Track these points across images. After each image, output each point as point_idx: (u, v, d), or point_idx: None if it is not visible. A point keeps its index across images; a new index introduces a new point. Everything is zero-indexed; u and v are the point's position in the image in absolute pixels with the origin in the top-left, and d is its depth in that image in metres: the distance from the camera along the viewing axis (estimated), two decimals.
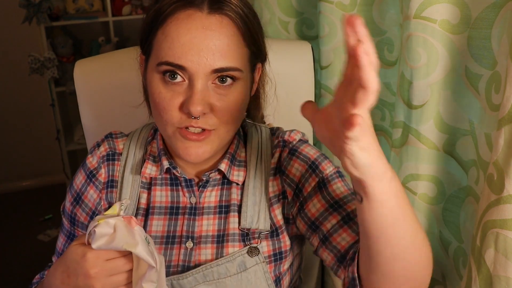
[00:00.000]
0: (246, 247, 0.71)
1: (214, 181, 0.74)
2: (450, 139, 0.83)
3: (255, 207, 0.72)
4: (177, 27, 0.60)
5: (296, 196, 0.72)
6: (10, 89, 2.47)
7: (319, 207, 0.69)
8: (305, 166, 0.72)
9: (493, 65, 0.70)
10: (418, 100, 0.83)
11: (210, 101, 0.62)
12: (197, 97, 0.60)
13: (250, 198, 0.72)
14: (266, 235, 0.72)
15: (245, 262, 0.71)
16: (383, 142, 1.12)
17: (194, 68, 0.60)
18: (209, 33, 0.60)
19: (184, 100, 0.62)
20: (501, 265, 0.63)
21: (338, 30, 1.07)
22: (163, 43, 0.61)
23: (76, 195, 0.76)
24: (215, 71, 0.61)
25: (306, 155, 0.73)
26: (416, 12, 0.77)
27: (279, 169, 0.74)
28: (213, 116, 0.63)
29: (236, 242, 0.72)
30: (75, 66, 0.97)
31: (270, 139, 0.77)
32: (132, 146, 0.77)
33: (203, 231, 0.73)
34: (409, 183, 0.90)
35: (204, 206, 0.73)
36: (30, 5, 2.07)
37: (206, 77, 0.61)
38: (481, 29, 0.71)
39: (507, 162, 0.61)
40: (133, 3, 2.32)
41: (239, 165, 0.74)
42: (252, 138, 0.77)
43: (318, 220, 0.68)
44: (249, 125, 0.79)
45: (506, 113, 0.61)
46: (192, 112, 0.60)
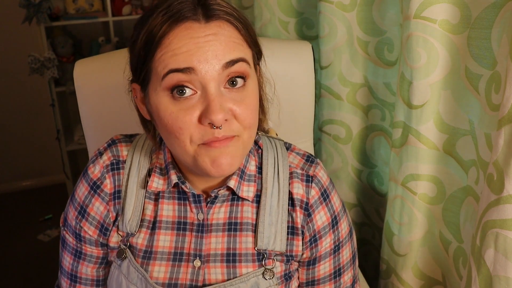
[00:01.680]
0: (261, 269, 0.68)
1: (223, 197, 0.70)
2: (450, 139, 0.83)
3: (271, 228, 0.69)
4: (178, 40, 0.57)
5: (310, 244, 0.71)
6: (10, 89, 2.47)
7: (327, 270, 0.73)
8: (329, 218, 0.72)
9: (493, 65, 0.70)
10: (418, 100, 0.83)
11: (228, 106, 0.58)
12: (215, 104, 0.56)
13: (267, 218, 0.69)
14: (282, 258, 0.70)
15: (258, 283, 0.68)
16: (383, 142, 1.12)
17: (203, 68, 0.56)
18: (212, 37, 0.57)
19: (202, 112, 0.57)
20: (501, 265, 0.63)
21: (338, 30, 1.07)
22: (163, 56, 0.57)
23: (80, 208, 0.72)
24: (225, 65, 0.57)
25: (333, 206, 0.73)
26: (416, 12, 0.77)
27: (306, 207, 0.71)
28: (236, 122, 0.59)
29: (250, 262, 0.69)
30: (75, 66, 0.97)
31: (285, 156, 0.74)
32: (136, 154, 0.73)
33: (211, 249, 0.69)
34: (409, 183, 0.90)
35: (213, 223, 0.70)
36: (30, 5, 2.07)
37: (217, 78, 0.57)
38: (481, 29, 0.71)
39: (507, 162, 0.61)
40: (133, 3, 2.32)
41: (249, 180, 0.71)
42: (268, 153, 0.73)
43: (319, 281, 0.73)
44: (261, 137, 0.76)
45: (506, 113, 0.61)
46: (215, 121, 0.56)
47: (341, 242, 0.73)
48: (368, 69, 1.08)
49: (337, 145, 1.20)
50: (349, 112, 1.15)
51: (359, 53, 1.08)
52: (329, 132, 1.20)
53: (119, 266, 0.71)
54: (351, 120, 1.16)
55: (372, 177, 1.18)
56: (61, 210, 0.80)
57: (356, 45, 1.07)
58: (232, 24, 0.60)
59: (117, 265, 0.71)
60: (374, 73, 1.07)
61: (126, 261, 0.70)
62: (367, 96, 1.11)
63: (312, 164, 0.73)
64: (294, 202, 0.71)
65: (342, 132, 1.18)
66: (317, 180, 0.72)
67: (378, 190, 1.17)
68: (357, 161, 1.19)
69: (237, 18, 0.61)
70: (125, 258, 0.70)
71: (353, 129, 1.17)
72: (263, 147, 0.74)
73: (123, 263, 0.70)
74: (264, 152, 0.73)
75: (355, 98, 1.13)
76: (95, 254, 0.73)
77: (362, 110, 1.14)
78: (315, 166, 0.73)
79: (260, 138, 0.75)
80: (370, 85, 1.09)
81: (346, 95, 1.13)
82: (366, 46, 1.06)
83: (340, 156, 1.21)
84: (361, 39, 1.06)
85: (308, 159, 0.74)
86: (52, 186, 2.71)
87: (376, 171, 1.16)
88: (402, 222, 0.94)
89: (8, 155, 2.61)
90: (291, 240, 0.71)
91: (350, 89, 1.12)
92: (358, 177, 1.21)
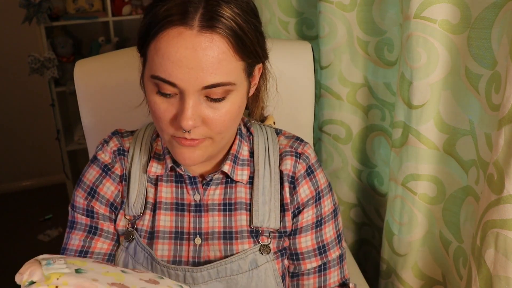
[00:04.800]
0: (258, 245, 0.73)
1: (217, 180, 0.75)
2: (450, 139, 0.83)
3: (265, 206, 0.74)
4: (168, 44, 0.59)
5: (294, 217, 0.76)
6: (10, 89, 2.47)
7: (310, 245, 0.76)
8: (313, 192, 0.76)
9: (493, 65, 0.70)
10: (418, 100, 0.83)
11: (202, 114, 0.62)
12: (187, 113, 0.61)
13: (261, 197, 0.74)
14: (275, 234, 0.75)
15: (256, 259, 0.72)
16: (383, 142, 1.12)
17: (184, 85, 0.60)
18: (200, 52, 0.59)
19: (176, 113, 0.62)
20: (501, 265, 0.63)
21: (338, 30, 1.07)
22: (155, 56, 0.61)
23: (90, 189, 0.75)
24: (206, 87, 0.60)
25: (318, 182, 0.77)
26: (416, 12, 0.77)
27: (292, 181, 0.76)
28: (205, 127, 0.64)
29: (245, 239, 0.74)
30: (75, 66, 0.97)
31: (275, 140, 0.79)
32: (137, 144, 0.78)
33: (209, 228, 0.74)
34: (409, 183, 0.90)
35: (209, 203, 0.75)
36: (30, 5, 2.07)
37: (197, 92, 0.61)
38: (481, 29, 0.71)
39: (507, 162, 0.61)
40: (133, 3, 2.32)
41: (242, 164, 0.76)
42: (258, 139, 0.78)
43: (303, 255, 0.77)
44: (253, 124, 0.80)
45: (506, 113, 0.61)
46: (183, 127, 0.61)
47: (324, 218, 0.77)
48: (368, 69, 1.08)
49: (337, 145, 1.20)
50: (349, 112, 1.15)
51: (359, 53, 1.08)
52: (329, 132, 1.20)
53: (126, 248, 0.74)
54: (351, 120, 1.16)
55: (372, 177, 1.18)
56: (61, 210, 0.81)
57: (356, 45, 1.07)
58: (225, 38, 0.60)
59: (124, 247, 0.75)
60: (374, 73, 1.07)
61: (134, 243, 0.74)
62: (367, 96, 1.11)
63: (302, 143, 0.78)
64: (283, 179, 0.75)
65: (342, 132, 1.18)
66: (305, 157, 0.76)
67: (378, 190, 1.17)
68: (357, 161, 1.19)
69: (234, 31, 0.60)
70: (133, 239, 0.74)
71: (353, 129, 1.17)
72: (254, 133, 0.79)
73: (131, 245, 0.74)
74: (255, 138, 0.78)
75: (355, 98, 1.13)
76: (111, 230, 0.76)
77: (362, 110, 1.14)
78: (304, 144, 0.78)
79: (252, 125, 0.80)
80: (370, 85, 1.09)
81: (346, 95, 1.13)
82: (366, 46, 1.06)
83: (340, 156, 1.21)
84: (361, 39, 1.06)
85: (297, 139, 0.79)
86: (52, 186, 2.71)
87: (376, 171, 1.16)
88: (402, 222, 0.94)
89: (8, 155, 2.61)
90: (283, 217, 0.75)
91: (350, 89, 1.12)
92: (358, 177, 1.21)
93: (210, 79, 0.60)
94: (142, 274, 0.58)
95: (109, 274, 0.54)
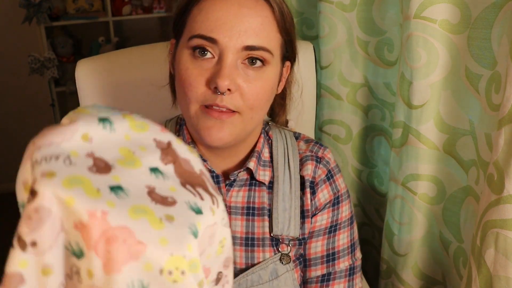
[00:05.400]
0: (278, 254, 0.70)
1: (241, 181, 0.72)
2: (450, 139, 0.83)
3: (285, 214, 0.71)
4: (213, 2, 0.60)
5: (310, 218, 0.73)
6: (10, 89, 2.47)
7: (319, 251, 0.73)
8: (332, 197, 0.73)
9: (493, 65, 0.70)
10: (418, 100, 0.83)
11: (237, 81, 0.60)
12: (225, 71, 0.59)
13: (280, 204, 0.71)
14: (295, 242, 0.72)
15: (277, 269, 0.69)
16: (383, 142, 1.12)
17: (225, 42, 0.59)
18: (244, 11, 0.59)
19: (211, 75, 0.60)
20: (501, 265, 0.63)
21: (338, 30, 1.07)
22: (197, 17, 0.61)
23: None
24: (246, 48, 0.60)
25: (337, 186, 0.74)
26: (416, 12, 0.77)
27: (311, 186, 0.73)
28: (239, 97, 0.61)
29: (267, 247, 0.70)
30: (77, 66, 0.97)
31: (295, 145, 0.76)
32: None
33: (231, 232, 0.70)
34: (409, 183, 0.90)
35: (231, 206, 0.71)
36: (30, 5, 2.07)
37: (236, 53, 0.60)
38: (481, 29, 0.71)
39: (507, 162, 0.61)
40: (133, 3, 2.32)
41: (264, 165, 0.73)
42: (277, 142, 0.75)
43: (310, 262, 0.73)
44: (272, 128, 0.78)
45: (506, 113, 0.61)
46: (219, 86, 0.58)
47: (339, 224, 0.74)
48: (368, 69, 1.08)
49: (337, 145, 1.20)
50: (349, 112, 1.15)
51: (359, 53, 1.08)
52: (329, 132, 1.20)
53: None
54: (351, 120, 1.16)
55: (372, 177, 1.18)
56: None
57: (356, 45, 1.07)
58: (271, 7, 0.61)
59: None
60: (374, 73, 1.07)
61: None
62: (367, 96, 1.11)
63: (321, 147, 0.76)
64: (304, 184, 0.73)
65: (342, 132, 1.18)
66: (325, 162, 0.74)
67: (378, 190, 1.17)
68: (357, 161, 1.19)
69: (277, 4, 0.62)
70: None
71: (353, 129, 1.17)
72: (273, 138, 0.76)
73: None
74: (274, 142, 0.75)
75: (355, 98, 1.13)
76: None
77: (362, 110, 1.14)
78: (324, 148, 0.76)
79: (270, 129, 0.77)
80: (370, 85, 1.09)
81: (346, 95, 1.13)
82: (366, 46, 1.06)
83: (340, 156, 1.21)
84: (361, 39, 1.06)
85: (317, 143, 0.77)
86: None
87: (376, 171, 1.16)
88: (402, 222, 0.94)
89: (8, 155, 2.61)
90: (302, 224, 0.72)
91: (350, 89, 1.12)
92: (358, 177, 1.21)
93: (252, 40, 0.60)
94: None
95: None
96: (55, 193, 0.35)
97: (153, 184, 0.39)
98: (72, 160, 0.37)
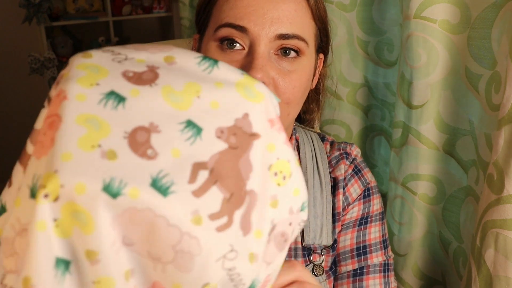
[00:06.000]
0: (310, 265, 0.65)
1: None
2: (450, 139, 0.83)
3: (317, 221, 0.66)
4: None
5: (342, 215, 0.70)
6: (10, 89, 2.47)
7: (348, 244, 0.68)
8: (362, 190, 0.70)
9: (493, 65, 0.70)
10: (418, 100, 0.83)
11: (271, 73, 0.55)
12: (257, 63, 0.53)
13: (311, 210, 0.66)
14: (328, 249, 0.67)
15: None
16: (383, 142, 1.12)
17: (256, 30, 0.53)
18: (277, 0, 0.54)
19: (242, 67, 0.54)
20: (501, 265, 0.63)
21: (338, 30, 1.07)
22: (224, 5, 0.55)
23: None
24: (279, 36, 0.54)
25: (367, 179, 0.71)
26: (416, 12, 0.77)
27: (342, 184, 0.70)
28: (274, 91, 0.55)
29: (299, 258, 0.65)
30: None
31: (322, 147, 0.72)
32: None
33: None
34: (409, 183, 0.90)
35: None
36: (30, 5, 2.07)
37: (269, 43, 0.54)
38: (481, 29, 0.71)
39: (507, 162, 0.61)
40: (133, 3, 2.32)
41: None
42: (304, 146, 0.71)
43: (339, 257, 0.68)
44: (297, 130, 0.73)
45: (506, 113, 0.61)
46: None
47: (371, 217, 0.69)
48: (368, 69, 1.08)
49: None
50: (349, 112, 1.15)
51: (359, 53, 1.08)
52: (329, 132, 1.20)
53: None
54: (351, 120, 1.16)
55: None
56: None
57: (356, 45, 1.07)
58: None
59: None
60: (374, 73, 1.07)
61: None
62: (367, 96, 1.11)
63: (348, 144, 0.74)
64: (337, 186, 0.69)
65: (342, 132, 1.18)
66: (352, 158, 0.72)
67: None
68: None
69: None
70: None
71: (353, 129, 1.16)
72: (300, 140, 0.72)
73: None
74: (300, 145, 0.71)
75: (355, 98, 1.13)
76: None
77: (362, 110, 1.13)
78: (351, 145, 0.73)
79: (296, 131, 0.73)
80: (370, 85, 1.09)
81: (346, 95, 1.13)
82: (366, 46, 1.06)
83: None
84: (361, 39, 1.06)
85: (342, 142, 0.74)
86: None
87: (376, 171, 1.16)
88: (402, 222, 0.94)
89: (8, 156, 2.61)
90: (334, 228, 0.68)
91: (350, 89, 1.12)
92: None
93: (285, 28, 0.54)
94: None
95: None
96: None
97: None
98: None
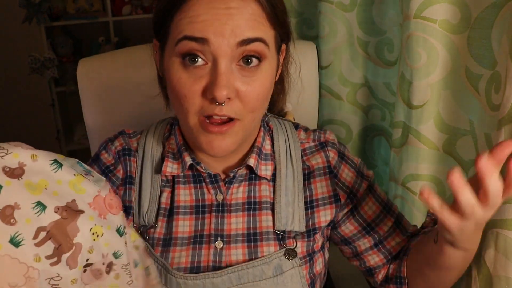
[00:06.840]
0: (283, 249, 0.67)
1: (241, 177, 0.69)
2: (450, 139, 0.83)
3: (288, 208, 0.69)
4: (198, 6, 0.55)
5: (350, 199, 0.72)
6: (10, 89, 2.47)
7: (375, 209, 0.72)
8: (354, 172, 0.73)
9: (493, 65, 0.70)
10: (418, 100, 0.83)
11: (235, 86, 0.56)
12: (221, 79, 0.54)
13: (283, 198, 0.69)
14: (302, 235, 0.69)
15: (281, 265, 0.67)
16: (383, 142, 1.12)
17: (218, 40, 0.54)
18: (233, 11, 0.55)
19: (207, 84, 0.56)
20: (501, 265, 0.63)
21: (338, 30, 1.07)
22: (182, 20, 0.56)
23: None
24: (241, 42, 0.55)
25: (353, 160, 0.74)
26: (416, 12, 0.77)
27: (330, 171, 0.72)
28: (239, 102, 0.58)
29: (271, 241, 0.68)
30: (78, 65, 0.96)
31: (295, 136, 0.74)
32: (148, 143, 0.72)
33: (232, 230, 0.68)
34: (409, 183, 0.90)
35: (232, 203, 0.69)
36: (30, 5, 2.07)
37: (231, 52, 0.55)
38: (481, 29, 0.71)
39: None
40: (133, 3, 2.32)
41: (265, 159, 0.70)
42: (278, 135, 0.73)
43: (375, 222, 0.72)
44: (271, 119, 0.75)
45: (506, 113, 0.61)
46: (217, 97, 0.54)
47: (372, 182, 0.74)
48: (368, 69, 1.08)
49: None
50: (349, 112, 1.15)
51: (359, 53, 1.08)
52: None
53: None
54: (351, 120, 1.16)
55: None
56: None
57: (356, 45, 1.07)
58: (258, 2, 0.57)
59: None
60: (374, 73, 1.07)
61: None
62: (367, 96, 1.11)
63: (321, 131, 0.75)
64: (313, 174, 0.72)
65: (342, 132, 1.18)
66: (331, 144, 0.74)
67: None
68: None
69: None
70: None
71: (353, 129, 1.17)
72: (273, 129, 0.73)
73: None
74: (274, 133, 0.73)
75: (355, 98, 1.13)
76: None
77: (362, 110, 1.14)
78: (324, 132, 0.75)
79: (270, 120, 0.74)
80: (370, 85, 1.09)
81: (346, 95, 1.13)
82: (366, 46, 1.06)
83: None
84: (361, 39, 1.06)
85: (315, 130, 0.76)
86: None
87: (376, 171, 1.16)
88: None
89: None
90: (312, 214, 0.70)
91: (350, 89, 1.12)
92: None
93: (245, 33, 0.55)
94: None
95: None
96: None
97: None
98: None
